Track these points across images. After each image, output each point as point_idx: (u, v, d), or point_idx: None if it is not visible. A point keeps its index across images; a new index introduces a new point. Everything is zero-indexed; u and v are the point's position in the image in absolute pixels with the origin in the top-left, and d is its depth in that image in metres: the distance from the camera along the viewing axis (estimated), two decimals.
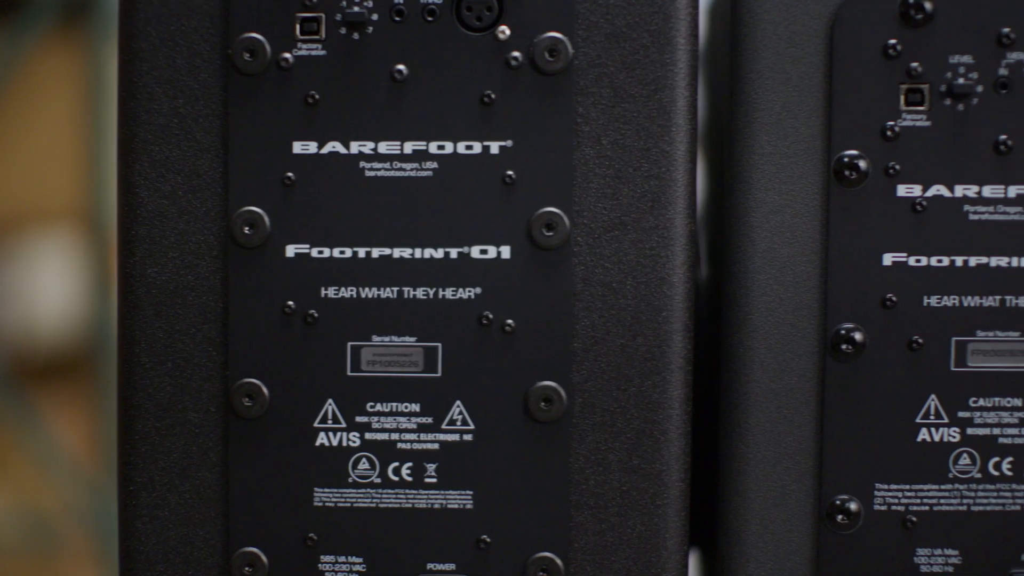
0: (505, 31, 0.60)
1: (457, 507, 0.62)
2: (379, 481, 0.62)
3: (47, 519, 1.64)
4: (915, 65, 0.61)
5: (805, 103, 0.61)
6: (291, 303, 0.61)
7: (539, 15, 0.60)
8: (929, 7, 0.61)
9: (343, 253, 0.61)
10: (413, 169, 0.61)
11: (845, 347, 0.61)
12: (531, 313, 0.61)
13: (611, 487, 0.61)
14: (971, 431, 0.62)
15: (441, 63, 0.61)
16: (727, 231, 0.63)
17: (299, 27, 0.61)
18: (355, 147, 0.61)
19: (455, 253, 0.61)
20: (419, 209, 0.61)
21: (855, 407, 0.62)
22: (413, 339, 0.61)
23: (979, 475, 0.62)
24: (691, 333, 0.62)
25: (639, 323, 0.61)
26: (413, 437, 0.62)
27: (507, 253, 0.61)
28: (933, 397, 0.62)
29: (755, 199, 0.62)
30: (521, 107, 0.61)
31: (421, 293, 0.61)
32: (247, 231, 0.61)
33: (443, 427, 0.62)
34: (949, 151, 0.61)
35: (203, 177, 0.61)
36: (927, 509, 0.62)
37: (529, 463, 0.61)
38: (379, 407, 0.62)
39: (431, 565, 0.62)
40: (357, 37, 0.61)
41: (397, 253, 0.61)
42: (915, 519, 0.62)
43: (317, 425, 0.62)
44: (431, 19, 0.61)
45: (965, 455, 0.62)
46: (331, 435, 0.62)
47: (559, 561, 0.62)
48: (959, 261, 0.61)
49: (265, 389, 0.61)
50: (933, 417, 0.62)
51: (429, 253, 0.61)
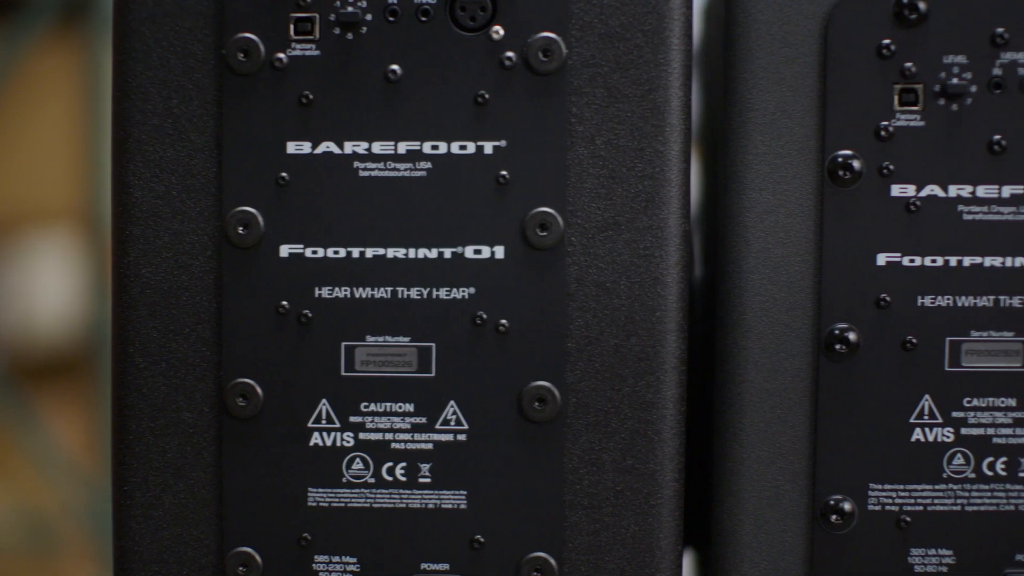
0: (499, 31, 0.60)
1: (451, 507, 0.62)
2: (373, 481, 0.62)
3: (45, 519, 1.64)
4: (909, 65, 0.61)
5: (799, 103, 0.61)
6: (285, 303, 0.61)
7: (533, 15, 0.60)
8: (923, 7, 0.61)
9: (337, 253, 0.61)
10: (407, 169, 0.61)
11: (839, 347, 0.61)
12: (525, 313, 0.61)
13: (605, 487, 0.61)
14: (965, 431, 0.62)
15: (435, 63, 0.61)
16: (721, 231, 0.62)
17: (293, 27, 0.61)
18: (349, 147, 0.61)
19: (449, 253, 0.61)
20: (413, 209, 0.61)
21: (849, 407, 0.62)
22: (407, 339, 0.61)
23: (973, 475, 0.62)
24: (685, 333, 0.62)
25: (633, 323, 0.61)
26: (407, 437, 0.62)
27: (501, 253, 0.61)
28: (927, 397, 0.62)
29: (749, 199, 0.62)
30: (515, 107, 0.61)
31: (415, 293, 0.61)
32: (241, 231, 0.61)
33: (437, 427, 0.62)
34: (943, 151, 0.61)
35: (197, 177, 0.61)
36: (921, 509, 0.62)
37: (523, 463, 0.61)
38: (373, 407, 0.62)
39: (425, 565, 0.62)
40: (351, 37, 0.61)
41: (391, 253, 0.61)
42: (909, 519, 0.62)
43: (311, 425, 0.62)
44: (425, 19, 0.61)
45: (959, 455, 0.62)
46: (325, 435, 0.62)
47: (553, 561, 0.62)
48: (953, 261, 0.61)
49: (259, 389, 0.61)
50: (927, 417, 0.62)
51: (423, 253, 0.61)
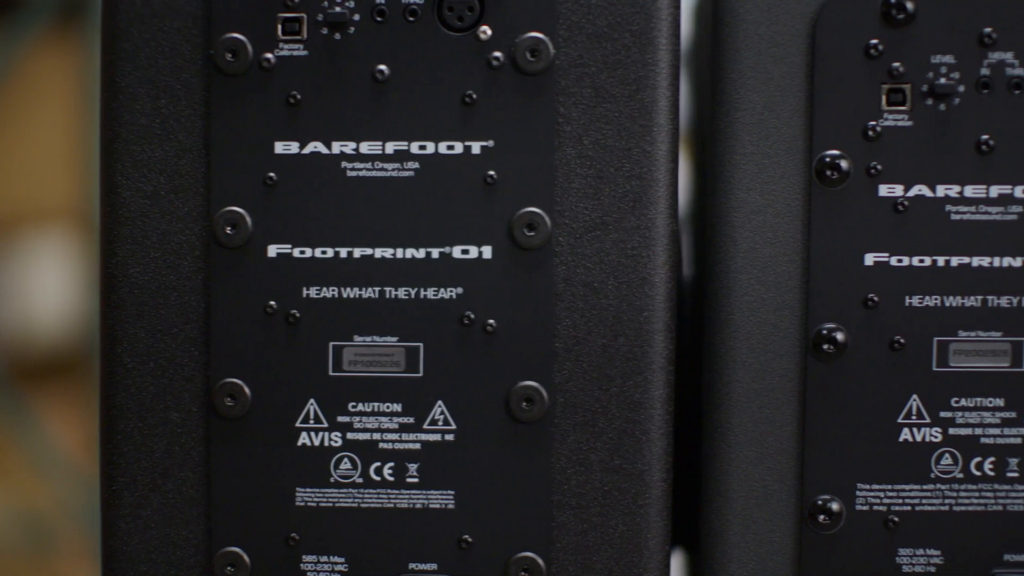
0: (486, 31, 0.60)
1: (439, 507, 0.62)
2: (361, 481, 0.62)
3: (43, 518, 1.64)
4: (897, 65, 0.61)
5: (787, 103, 0.61)
6: (273, 303, 0.61)
7: (520, 15, 0.60)
8: (911, 7, 0.60)
9: (325, 253, 0.61)
10: (395, 169, 0.61)
11: (827, 347, 0.61)
12: (513, 313, 0.61)
13: (593, 487, 0.61)
14: (953, 431, 0.62)
15: (422, 63, 0.61)
16: (709, 231, 0.62)
17: (281, 27, 0.61)
18: (337, 147, 0.61)
19: (437, 253, 0.61)
20: (401, 209, 0.61)
21: (837, 407, 0.62)
22: (395, 339, 0.61)
23: (961, 475, 0.62)
24: (673, 333, 0.62)
25: (621, 323, 0.61)
26: (395, 437, 0.62)
27: (489, 253, 0.61)
28: (915, 397, 0.62)
29: (737, 199, 0.62)
30: (502, 107, 0.61)
31: (403, 293, 0.61)
32: (229, 231, 0.61)
33: (425, 427, 0.62)
34: (931, 151, 0.61)
35: (185, 177, 0.61)
36: (909, 509, 0.62)
37: (511, 463, 0.61)
38: (361, 407, 0.62)
39: (413, 565, 0.62)
40: (339, 37, 0.61)
41: (379, 253, 0.61)
42: (897, 519, 0.62)
43: (299, 425, 0.62)
44: (412, 19, 0.61)
45: (947, 455, 0.62)
46: (313, 435, 0.62)
47: (541, 561, 0.62)
48: (941, 261, 0.61)
49: (247, 389, 0.61)
50: (915, 417, 0.62)
51: (411, 253, 0.61)
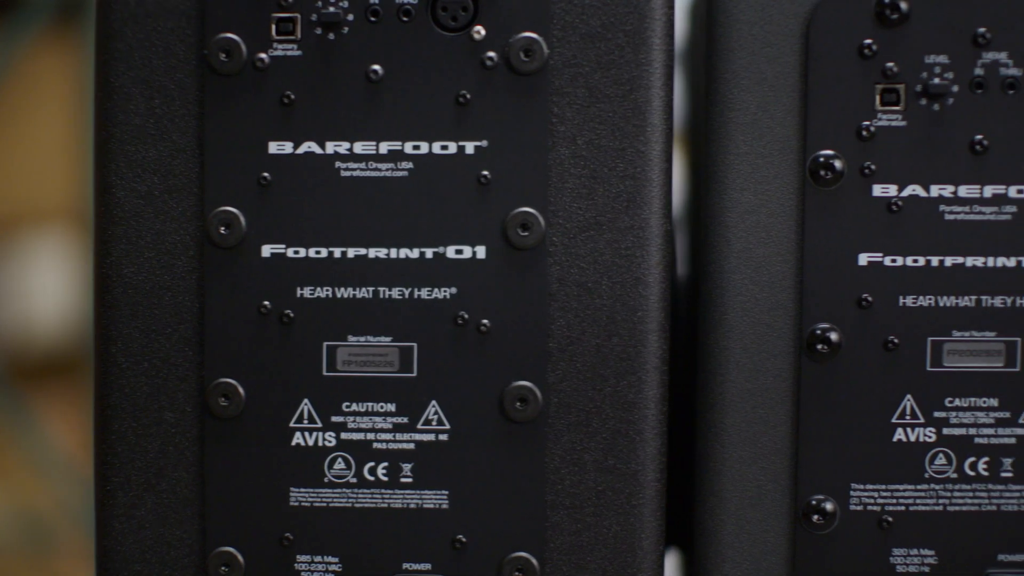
0: (480, 31, 0.60)
1: (433, 507, 0.62)
2: (355, 481, 0.62)
3: (42, 519, 1.64)
4: (891, 65, 0.61)
5: (781, 103, 0.61)
6: (267, 303, 0.61)
7: (514, 15, 0.60)
8: (905, 7, 0.60)
9: (319, 253, 0.61)
10: (388, 169, 0.61)
11: (821, 347, 0.61)
12: (506, 313, 0.61)
13: (587, 487, 0.61)
14: (947, 431, 0.62)
15: (416, 63, 0.61)
16: (703, 231, 0.62)
17: (275, 27, 0.61)
18: (331, 147, 0.61)
19: (430, 253, 0.61)
20: (394, 209, 0.61)
21: (831, 407, 0.62)
22: (389, 339, 0.61)
23: (955, 475, 0.62)
24: (667, 333, 0.62)
25: (614, 323, 0.61)
26: (389, 437, 0.62)
27: (482, 253, 0.61)
28: (909, 397, 0.62)
29: (731, 199, 0.62)
30: (496, 107, 0.61)
31: (397, 293, 0.61)
32: (223, 231, 0.61)
33: (419, 427, 0.62)
34: (925, 151, 0.61)
35: (179, 177, 0.61)
36: (903, 509, 0.62)
37: (505, 463, 0.61)
38: (355, 407, 0.62)
39: (407, 565, 0.62)
40: (332, 37, 0.61)
41: (373, 253, 0.61)
42: (891, 519, 0.62)
43: (293, 425, 0.62)
44: (406, 19, 0.61)
45: (941, 455, 0.62)
46: (307, 435, 0.62)
47: (534, 561, 0.62)
48: (935, 261, 0.61)
49: (241, 389, 0.62)
50: (909, 417, 0.62)
51: (404, 253, 0.61)
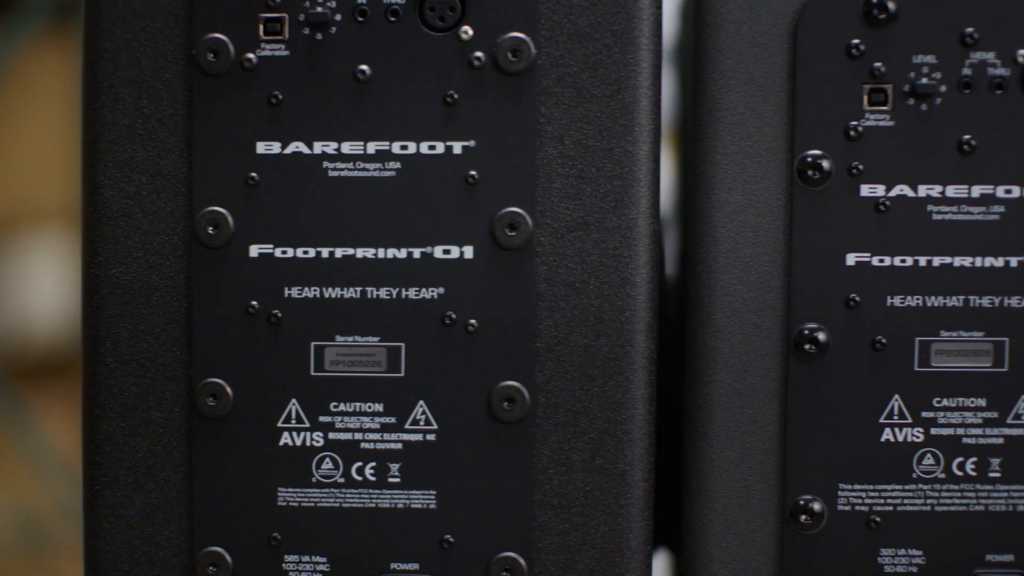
0: (468, 31, 0.60)
1: (421, 507, 0.62)
2: (343, 481, 0.62)
3: (40, 518, 1.64)
4: (878, 65, 0.61)
5: (768, 103, 0.61)
6: (255, 303, 0.61)
7: (502, 15, 0.60)
8: (892, 7, 0.60)
9: (307, 253, 0.61)
10: (376, 169, 0.61)
11: (808, 347, 0.61)
12: (494, 313, 0.61)
13: (574, 487, 0.61)
14: (935, 431, 0.62)
15: (404, 63, 0.61)
16: (691, 231, 0.62)
17: (262, 27, 0.61)
18: (318, 147, 0.61)
19: (418, 253, 0.61)
20: (382, 209, 0.61)
21: (819, 407, 0.62)
22: (376, 339, 0.61)
23: (943, 475, 0.62)
24: (655, 333, 0.62)
25: (602, 323, 0.61)
26: (376, 437, 0.62)
27: (470, 253, 0.61)
28: (897, 397, 0.62)
29: (718, 199, 0.62)
30: (484, 107, 0.61)
31: (384, 293, 0.61)
32: (211, 231, 0.61)
33: (406, 427, 0.62)
34: (912, 151, 0.61)
35: (167, 177, 0.61)
36: (891, 509, 0.62)
37: (492, 463, 0.61)
38: (343, 407, 0.62)
39: (395, 565, 0.62)
40: (320, 37, 0.61)
41: (360, 253, 0.61)
42: (879, 519, 0.62)
43: (281, 425, 0.62)
44: (394, 19, 0.61)
45: (929, 455, 0.62)
46: (295, 435, 0.62)
47: (522, 561, 0.62)
48: (923, 261, 0.61)
49: (229, 389, 0.62)
50: (897, 417, 0.62)
51: (392, 253, 0.61)
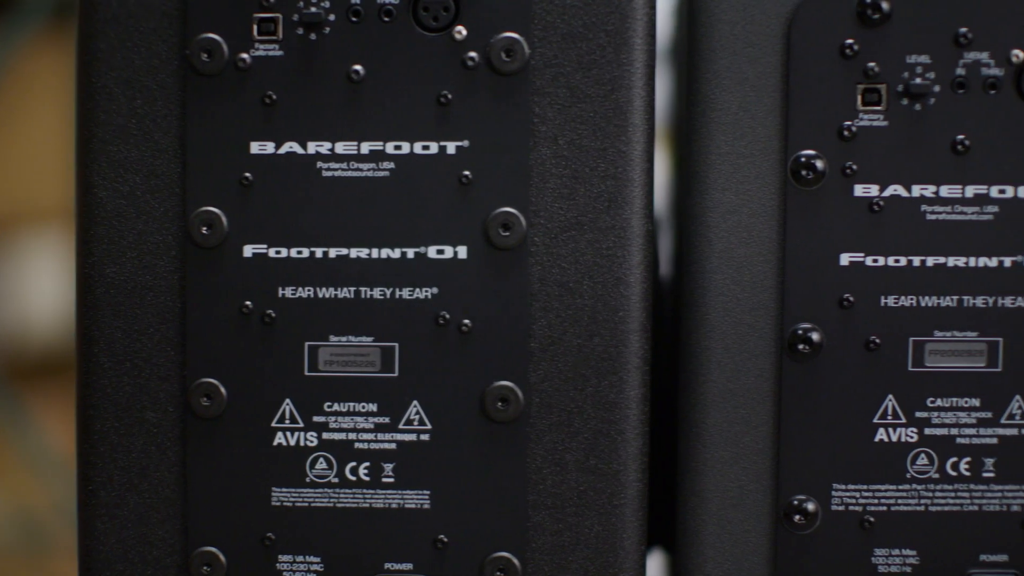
0: (461, 31, 0.60)
1: (414, 507, 0.62)
2: (337, 481, 0.62)
3: (38, 518, 1.64)
4: (872, 65, 0.61)
5: (762, 103, 0.61)
6: (249, 303, 0.61)
7: (495, 15, 0.60)
8: (886, 7, 0.60)
9: (300, 253, 0.61)
10: (370, 169, 0.61)
11: (802, 347, 0.61)
12: (488, 313, 0.61)
13: (568, 487, 0.61)
14: (929, 431, 0.62)
15: (398, 63, 0.61)
16: (685, 231, 0.62)
17: (256, 28, 0.61)
18: (312, 147, 0.61)
19: (412, 253, 0.61)
20: (376, 209, 0.61)
21: (812, 407, 0.62)
22: (370, 339, 0.61)
23: (937, 475, 0.62)
24: (648, 333, 0.62)
25: (596, 323, 0.61)
26: (370, 437, 0.62)
27: (464, 253, 0.61)
28: (891, 397, 0.62)
29: (712, 199, 0.62)
30: (478, 107, 0.61)
31: (378, 293, 0.61)
32: (205, 231, 0.61)
33: (400, 427, 0.62)
34: (906, 151, 0.61)
35: (161, 177, 0.61)
36: (885, 509, 0.62)
37: (486, 463, 0.61)
38: (336, 407, 0.62)
39: (389, 565, 0.62)
40: (314, 38, 0.61)
41: (354, 253, 0.61)
42: (873, 519, 0.62)
43: (275, 425, 0.62)
44: (388, 19, 0.61)
45: (923, 455, 0.62)
46: (289, 435, 0.62)
47: (516, 561, 0.62)
48: (916, 261, 0.61)
49: (223, 389, 0.62)
50: (891, 417, 0.62)
51: (386, 253, 0.61)
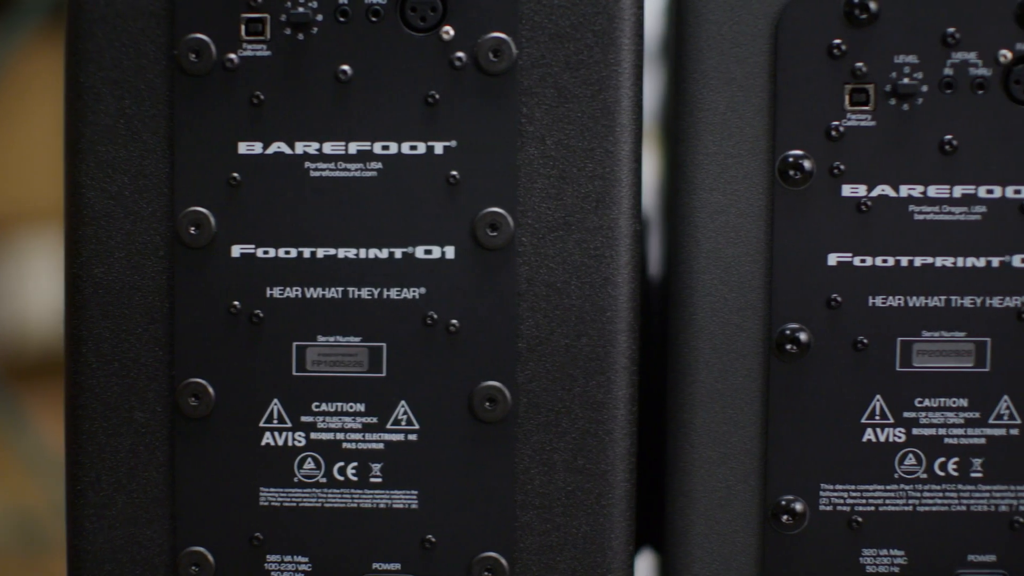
0: (449, 31, 0.61)
1: (402, 507, 0.62)
2: (324, 481, 0.62)
3: (35, 518, 1.64)
4: (860, 65, 0.61)
5: (750, 103, 0.61)
6: (237, 303, 0.61)
7: (483, 15, 0.60)
8: (874, 7, 0.60)
9: (288, 253, 0.61)
10: (358, 169, 0.61)
11: (790, 347, 0.61)
12: (475, 313, 0.61)
13: (556, 487, 0.61)
14: (916, 431, 0.62)
15: (385, 63, 0.61)
16: (673, 231, 0.62)
17: (244, 28, 0.61)
18: (300, 147, 0.61)
19: (399, 253, 0.61)
20: (364, 209, 0.61)
21: (800, 407, 0.62)
22: (358, 339, 0.61)
23: (925, 475, 0.62)
24: (636, 333, 0.62)
25: (584, 323, 0.61)
26: (358, 437, 0.62)
27: (451, 253, 0.61)
28: (878, 397, 0.62)
29: (700, 199, 0.62)
30: (465, 107, 0.61)
31: (366, 293, 0.61)
32: (193, 231, 0.61)
33: (388, 427, 0.62)
34: (894, 151, 0.61)
35: (149, 177, 0.62)
36: (873, 509, 0.62)
37: (474, 463, 0.61)
38: (324, 407, 0.62)
39: (376, 565, 0.62)
40: (302, 38, 0.61)
41: (342, 253, 0.61)
42: (861, 519, 0.62)
43: (263, 425, 0.62)
44: (375, 19, 0.61)
45: (911, 455, 0.62)
46: (277, 435, 0.62)
47: (504, 561, 0.62)
48: (904, 261, 0.61)
49: (211, 389, 0.62)
50: (878, 417, 0.62)
51: (374, 253, 0.61)
